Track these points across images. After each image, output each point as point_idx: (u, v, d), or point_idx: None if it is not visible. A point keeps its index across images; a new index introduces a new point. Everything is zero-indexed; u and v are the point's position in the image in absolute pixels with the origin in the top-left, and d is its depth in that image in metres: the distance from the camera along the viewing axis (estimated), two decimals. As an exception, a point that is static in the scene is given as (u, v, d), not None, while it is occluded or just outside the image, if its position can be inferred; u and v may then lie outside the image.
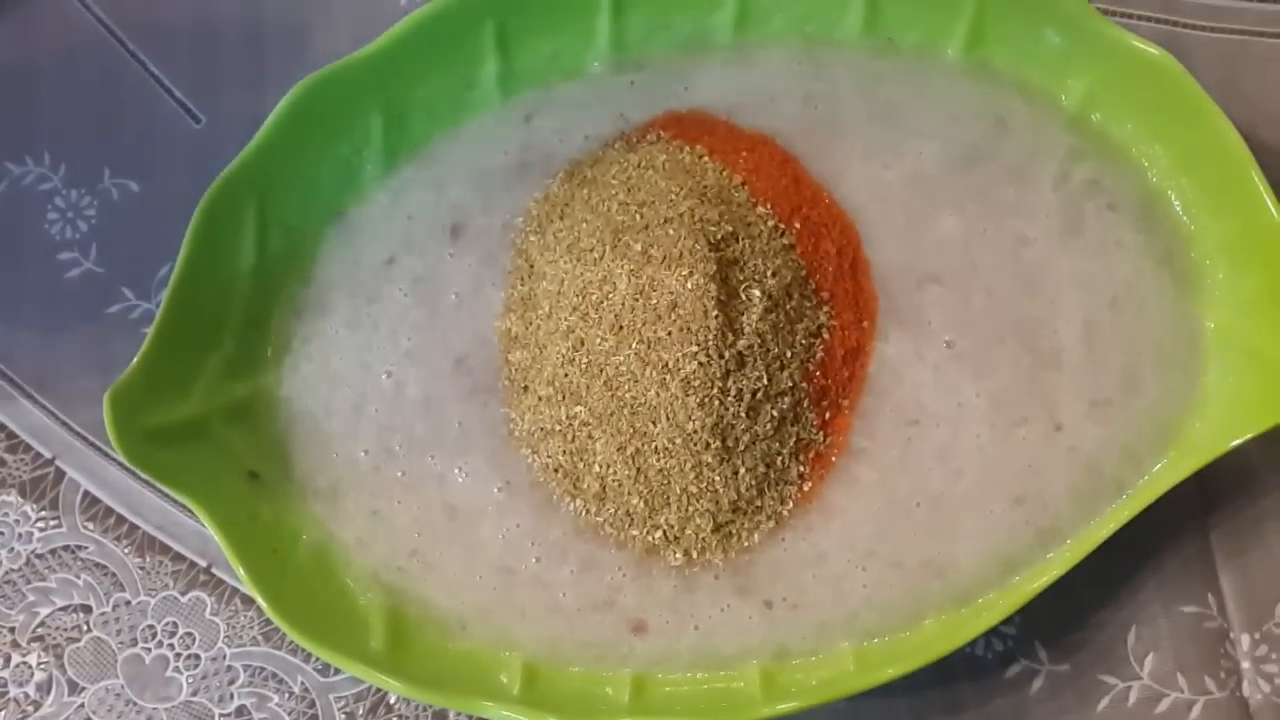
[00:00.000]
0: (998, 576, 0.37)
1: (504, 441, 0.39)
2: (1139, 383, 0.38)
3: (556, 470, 0.38)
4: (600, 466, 0.37)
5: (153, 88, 0.45)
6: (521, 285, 0.39)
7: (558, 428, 0.38)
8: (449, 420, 0.39)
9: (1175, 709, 0.38)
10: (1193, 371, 0.38)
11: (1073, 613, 0.39)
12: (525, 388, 0.38)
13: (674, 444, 0.36)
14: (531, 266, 0.39)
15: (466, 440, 0.39)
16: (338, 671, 0.39)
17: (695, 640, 0.37)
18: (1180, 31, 0.44)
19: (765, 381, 0.37)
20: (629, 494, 0.37)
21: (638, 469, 0.37)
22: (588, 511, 0.38)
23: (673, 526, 0.37)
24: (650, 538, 0.37)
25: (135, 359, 0.37)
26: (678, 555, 0.37)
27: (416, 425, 0.39)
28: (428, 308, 0.40)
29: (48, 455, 0.42)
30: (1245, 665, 0.38)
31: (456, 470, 0.38)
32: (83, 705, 0.39)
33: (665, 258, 0.36)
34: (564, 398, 0.37)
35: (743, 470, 0.37)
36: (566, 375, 0.37)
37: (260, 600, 0.36)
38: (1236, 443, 0.36)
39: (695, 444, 0.36)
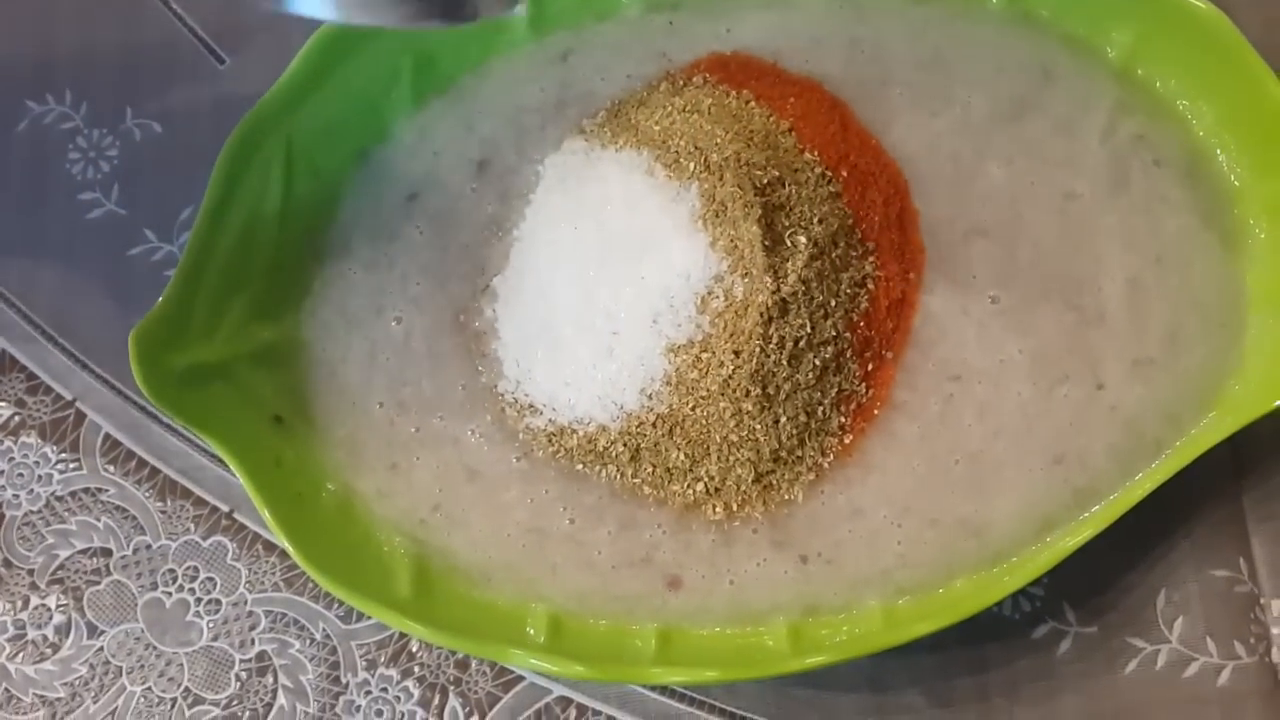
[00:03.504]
0: (1033, 536, 0.36)
1: (508, 409, 0.38)
2: (1182, 342, 0.38)
3: (575, 447, 0.37)
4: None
5: (176, 27, 0.44)
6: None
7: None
8: (453, 380, 0.38)
9: (1204, 673, 0.38)
10: (1235, 331, 0.38)
11: (1102, 575, 0.38)
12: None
13: (713, 392, 0.36)
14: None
15: (472, 403, 0.38)
16: (360, 618, 0.39)
17: (729, 595, 0.36)
18: (1225, -11, 0.44)
19: (808, 329, 0.36)
20: (668, 449, 0.37)
21: (676, 422, 0.36)
22: (622, 475, 0.37)
23: (714, 478, 0.37)
24: (692, 491, 0.37)
25: (160, 299, 0.37)
26: (718, 509, 0.37)
27: (424, 381, 0.38)
28: (439, 248, 0.39)
29: (68, 397, 0.41)
30: (1275, 631, 0.38)
31: (469, 432, 0.38)
32: (102, 649, 0.39)
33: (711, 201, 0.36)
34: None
35: (784, 419, 0.36)
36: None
37: (286, 544, 0.35)
38: (1277, 404, 0.36)
39: (735, 391, 0.36)
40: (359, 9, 0.30)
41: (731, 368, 0.36)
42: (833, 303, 0.37)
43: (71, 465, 0.41)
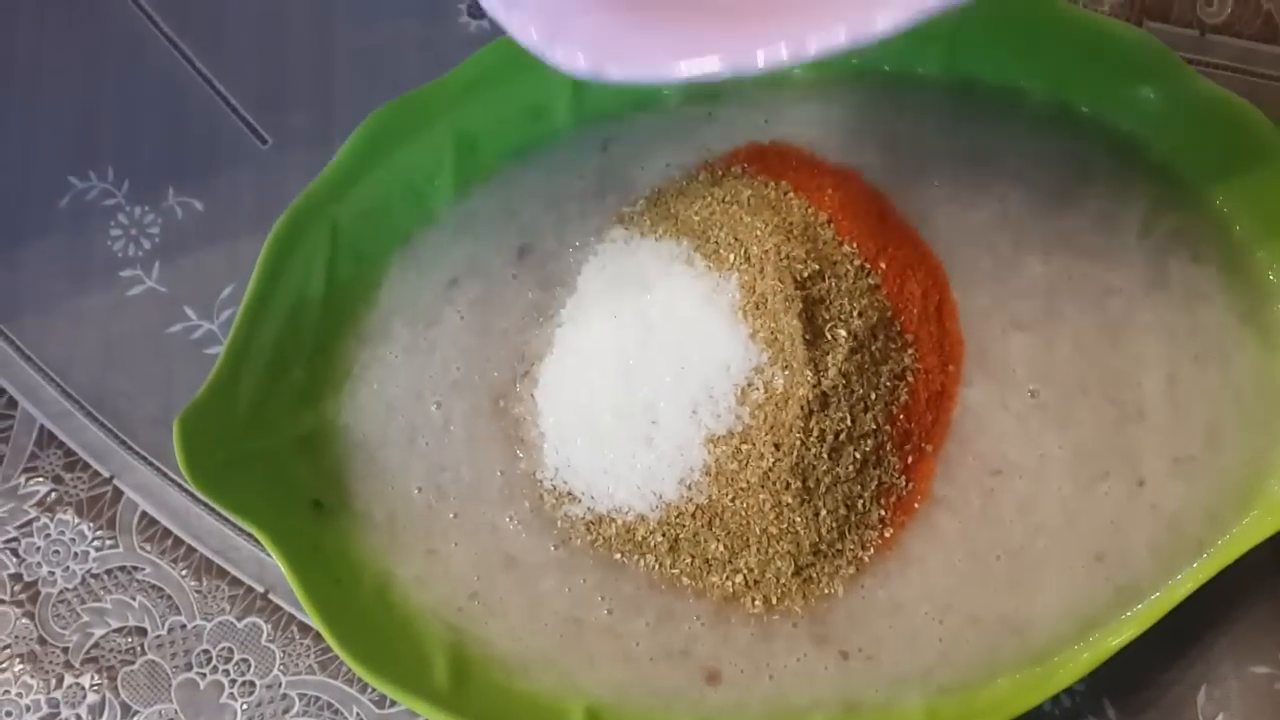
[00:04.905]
0: (1075, 634, 0.36)
1: (547, 496, 0.38)
2: (1222, 440, 0.37)
3: (613, 536, 0.37)
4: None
5: (219, 106, 0.45)
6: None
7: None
8: (491, 466, 0.38)
9: (1246, 772, 0.37)
10: (1275, 430, 0.37)
11: (1142, 670, 0.38)
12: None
13: (753, 484, 0.36)
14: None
15: (511, 490, 0.38)
16: (394, 704, 0.39)
17: (768, 690, 0.36)
18: (1259, 82, 0.44)
19: (848, 423, 0.36)
20: (707, 540, 0.37)
21: (715, 513, 0.36)
22: (661, 566, 0.37)
23: (753, 570, 0.37)
24: (730, 583, 0.37)
25: (205, 384, 0.37)
26: (758, 602, 0.37)
27: (463, 467, 0.38)
28: (479, 333, 0.39)
29: (106, 474, 0.41)
30: (1318, 730, 0.38)
31: (507, 519, 0.38)
32: (135, 730, 0.39)
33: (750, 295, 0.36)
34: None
35: (824, 512, 0.36)
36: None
37: (324, 632, 0.35)
38: (1319, 503, 0.36)
39: (776, 484, 0.36)
40: None
41: (772, 460, 0.36)
42: (872, 396, 0.37)
43: (108, 543, 0.41)
